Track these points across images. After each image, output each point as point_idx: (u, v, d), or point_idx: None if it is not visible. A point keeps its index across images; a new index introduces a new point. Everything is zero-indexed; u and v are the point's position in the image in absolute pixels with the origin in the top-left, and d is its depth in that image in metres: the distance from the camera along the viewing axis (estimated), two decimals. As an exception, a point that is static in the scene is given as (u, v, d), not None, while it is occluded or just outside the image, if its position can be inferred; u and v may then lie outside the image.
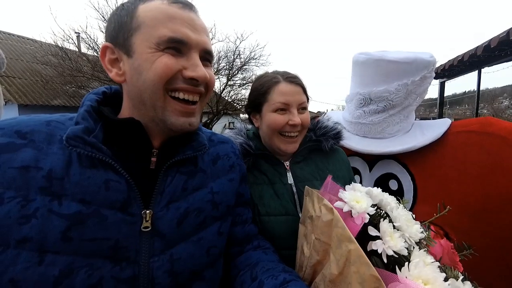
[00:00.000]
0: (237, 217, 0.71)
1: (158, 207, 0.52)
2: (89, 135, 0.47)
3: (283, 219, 0.82)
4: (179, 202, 0.55)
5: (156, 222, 0.51)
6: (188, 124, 0.55)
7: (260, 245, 0.73)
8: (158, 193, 0.53)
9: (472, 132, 0.97)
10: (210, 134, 0.71)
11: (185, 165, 0.58)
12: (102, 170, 0.48)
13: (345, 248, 0.50)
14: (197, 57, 0.53)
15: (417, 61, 0.98)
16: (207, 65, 0.57)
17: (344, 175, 0.93)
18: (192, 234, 0.56)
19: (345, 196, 0.58)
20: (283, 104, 0.81)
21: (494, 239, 0.92)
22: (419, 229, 0.56)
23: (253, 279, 0.60)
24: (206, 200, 0.59)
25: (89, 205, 0.46)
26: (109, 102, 0.58)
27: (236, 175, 0.69)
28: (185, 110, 0.54)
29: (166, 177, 0.54)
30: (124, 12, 0.51)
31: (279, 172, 0.88)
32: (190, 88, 0.53)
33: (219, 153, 0.68)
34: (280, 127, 0.82)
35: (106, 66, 0.53)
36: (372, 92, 1.06)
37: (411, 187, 1.05)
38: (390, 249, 0.50)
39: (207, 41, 0.55)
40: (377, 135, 1.11)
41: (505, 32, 3.77)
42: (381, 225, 0.53)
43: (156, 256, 0.51)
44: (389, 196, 0.64)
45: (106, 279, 0.46)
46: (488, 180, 0.91)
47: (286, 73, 0.86)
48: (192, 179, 0.58)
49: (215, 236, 0.60)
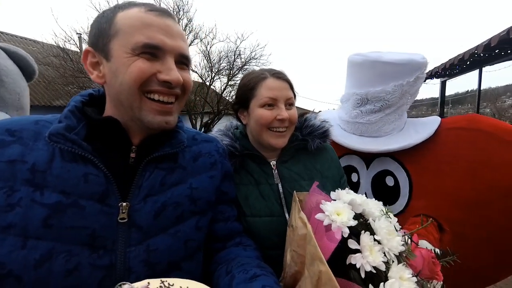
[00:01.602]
0: (219, 214, 0.73)
1: (136, 200, 0.56)
2: (71, 132, 0.52)
3: (267, 220, 0.82)
4: (157, 196, 0.58)
5: (133, 214, 0.55)
6: (165, 122, 0.58)
7: (242, 242, 0.75)
8: (136, 187, 0.56)
9: (461, 128, 1.01)
10: (194, 133, 0.74)
11: (165, 162, 0.61)
12: (82, 165, 0.52)
13: (317, 267, 0.50)
14: (172, 61, 0.56)
15: (411, 63, 1.01)
16: (183, 69, 0.60)
17: (333, 174, 0.93)
18: (169, 226, 0.59)
19: (326, 208, 0.57)
20: (270, 99, 0.82)
21: (485, 229, 0.97)
22: (400, 242, 0.56)
23: (227, 273, 0.62)
24: (185, 195, 0.62)
25: (68, 196, 0.50)
26: (97, 103, 0.62)
27: (217, 172, 0.71)
28: (161, 109, 0.57)
29: (145, 172, 0.58)
30: (104, 19, 0.55)
31: (265, 172, 0.88)
32: (165, 90, 0.56)
33: (201, 151, 0.70)
34: (268, 123, 0.82)
35: (88, 68, 0.57)
36: (369, 92, 1.08)
37: (406, 183, 1.08)
38: (369, 264, 0.50)
39: (183, 46, 0.58)
40: (374, 134, 1.14)
41: (506, 31, 3.76)
42: (362, 239, 0.53)
43: (133, 246, 0.54)
44: (375, 204, 0.64)
45: (83, 265, 0.50)
46: (478, 174, 0.95)
47: (273, 70, 0.87)
48: (170, 175, 0.61)
49: (193, 230, 0.63)
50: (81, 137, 0.53)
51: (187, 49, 0.60)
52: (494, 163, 0.92)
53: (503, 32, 3.83)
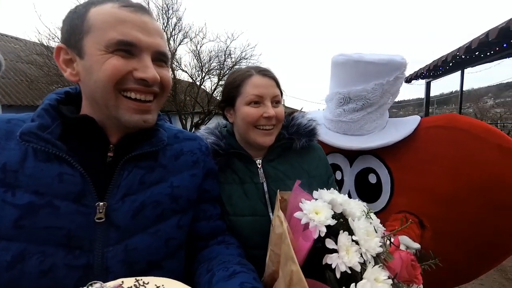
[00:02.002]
0: (201, 212, 0.72)
1: (114, 199, 0.55)
2: (44, 131, 0.51)
3: (250, 219, 0.81)
4: (135, 195, 0.57)
5: (111, 213, 0.54)
6: (143, 121, 0.57)
7: (225, 240, 0.74)
8: (114, 186, 0.55)
9: (439, 127, 1.04)
10: (177, 131, 0.73)
11: (144, 160, 0.60)
12: (56, 164, 0.51)
13: (289, 267, 0.49)
14: (148, 58, 0.55)
15: (391, 63, 1.04)
16: (161, 66, 0.59)
17: (321, 173, 0.92)
18: (149, 226, 0.58)
19: (305, 207, 0.57)
20: (256, 96, 0.80)
21: (464, 225, 1.00)
22: (378, 243, 0.55)
23: (208, 271, 0.62)
24: (165, 193, 0.61)
25: (42, 196, 0.49)
26: (74, 101, 0.61)
27: (199, 171, 0.70)
28: (139, 107, 0.56)
29: (123, 171, 0.57)
30: (76, 15, 0.53)
31: (251, 170, 0.86)
32: (142, 88, 0.55)
33: (183, 149, 0.69)
34: (254, 120, 0.81)
35: (61, 66, 0.55)
36: (351, 91, 1.11)
37: (388, 180, 1.11)
38: (344, 264, 0.50)
39: (160, 43, 0.57)
40: (356, 132, 1.17)
41: (485, 34, 3.92)
42: (339, 238, 0.53)
43: (111, 246, 0.53)
44: (357, 204, 0.64)
45: (58, 266, 0.49)
46: (456, 171, 0.98)
47: (259, 67, 0.86)
48: (150, 174, 0.60)
49: (174, 229, 0.63)
50: (55, 136, 0.52)
51: (164, 46, 0.59)
52: (470, 160, 0.96)
53: (482, 35, 4.00)
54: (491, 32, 3.75)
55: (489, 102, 37.05)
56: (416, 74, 7.36)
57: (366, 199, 1.17)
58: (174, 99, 8.77)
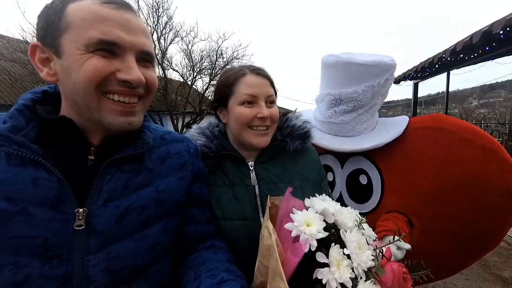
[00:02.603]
0: (189, 216, 0.70)
1: (95, 205, 0.52)
2: (17, 134, 0.48)
3: (240, 223, 0.78)
4: (119, 200, 0.54)
5: (92, 220, 0.51)
6: (127, 123, 0.54)
7: (213, 245, 0.72)
8: (96, 191, 0.52)
9: (427, 128, 1.07)
10: (164, 132, 0.69)
11: (128, 163, 0.57)
12: (31, 168, 0.48)
13: (277, 283, 0.48)
14: (132, 59, 0.51)
15: (381, 64, 1.05)
16: (146, 66, 0.56)
17: (313, 177, 0.89)
18: (134, 232, 0.56)
19: (296, 218, 0.55)
20: (250, 96, 0.78)
21: (450, 222, 1.04)
22: (370, 257, 0.54)
23: (195, 278, 0.60)
24: (151, 198, 0.59)
25: (15, 203, 0.46)
26: (53, 101, 0.57)
27: (187, 173, 0.68)
28: (123, 109, 0.53)
29: (105, 175, 0.54)
30: (52, 11, 0.49)
31: (242, 172, 0.84)
32: (126, 90, 0.52)
33: (170, 152, 0.66)
34: (248, 121, 0.78)
35: (37, 65, 0.52)
36: (342, 93, 1.11)
37: (379, 181, 1.13)
38: (335, 280, 0.48)
39: (144, 43, 0.53)
40: (347, 134, 1.18)
41: (469, 37, 4.06)
42: (331, 252, 0.51)
43: (92, 254, 0.51)
44: (350, 213, 0.62)
45: (33, 277, 0.46)
46: (442, 170, 1.01)
47: (253, 66, 0.83)
48: (135, 177, 0.58)
49: (160, 234, 0.60)
50: (30, 138, 0.49)
51: (149, 45, 0.55)
52: (456, 159, 0.99)
53: (466, 38, 4.13)
54: (475, 35, 3.89)
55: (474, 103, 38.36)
56: (404, 75, 7.54)
57: (357, 199, 1.18)
58: (165, 99, 8.65)
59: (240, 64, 7.04)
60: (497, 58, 5.44)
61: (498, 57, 5.31)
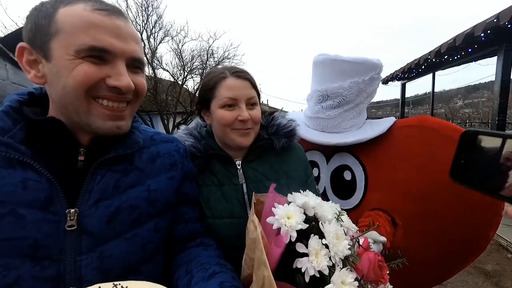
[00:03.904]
0: (179, 216, 0.71)
1: (86, 205, 0.52)
2: (4, 135, 0.48)
3: (228, 222, 0.80)
4: (110, 200, 0.55)
5: (83, 220, 0.51)
6: (116, 127, 0.54)
7: (203, 243, 0.74)
8: (86, 191, 0.53)
9: (412, 126, 1.10)
10: (153, 133, 0.70)
11: (119, 163, 0.58)
12: (20, 170, 0.48)
13: (262, 272, 0.50)
14: (122, 65, 0.52)
15: (366, 63, 1.09)
16: (136, 72, 0.56)
17: (300, 175, 0.91)
18: (125, 231, 0.56)
19: (277, 212, 0.58)
20: (230, 99, 0.78)
21: (433, 220, 1.04)
22: (346, 246, 0.57)
23: (187, 273, 0.61)
24: (142, 197, 0.60)
25: (3, 204, 0.46)
26: (39, 103, 0.57)
27: (177, 173, 0.69)
28: (112, 113, 0.53)
29: (95, 175, 0.54)
30: (42, 14, 0.49)
31: (230, 172, 0.85)
32: (115, 96, 0.52)
33: (160, 152, 0.67)
34: (229, 124, 0.79)
35: (24, 67, 0.51)
36: (328, 88, 1.14)
37: (362, 177, 1.15)
38: (313, 268, 0.51)
39: (135, 49, 0.54)
40: (334, 130, 1.20)
41: (452, 39, 4.20)
42: (309, 243, 0.54)
43: (84, 254, 0.51)
44: (330, 207, 0.65)
45: (24, 278, 0.46)
46: (425, 168, 1.03)
47: (234, 68, 0.84)
48: (125, 177, 0.58)
49: (151, 233, 0.61)
50: (18, 139, 0.49)
51: (140, 51, 0.56)
52: (439, 157, 1.00)
53: (450, 40, 4.27)
54: (458, 37, 4.02)
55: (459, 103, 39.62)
56: (392, 76, 7.72)
57: (341, 195, 1.20)
58: (155, 99, 8.55)
59: (231, 64, 6.99)
60: (480, 59, 5.64)
61: (480, 58, 5.51)
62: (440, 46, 4.61)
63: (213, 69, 0.91)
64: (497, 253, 3.28)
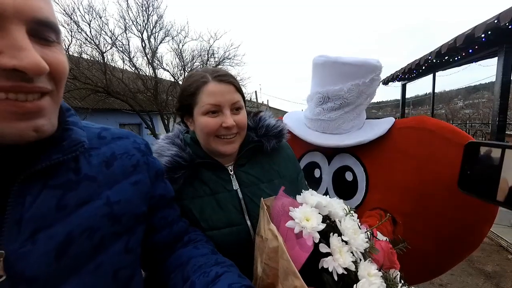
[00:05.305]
0: (161, 220, 0.62)
1: (16, 243, 0.37)
2: None
3: (227, 231, 0.76)
4: (53, 228, 0.40)
5: (16, 264, 0.36)
6: (33, 129, 0.36)
7: (191, 239, 0.66)
8: (12, 223, 0.37)
9: (410, 127, 1.11)
10: (100, 129, 0.54)
11: (58, 175, 0.42)
12: None
13: (291, 282, 0.48)
14: (20, 33, 0.33)
15: (366, 65, 1.10)
16: (47, 45, 0.37)
17: (290, 173, 0.90)
18: (86, 262, 0.43)
19: (295, 215, 0.56)
20: (213, 105, 0.73)
21: (430, 219, 1.06)
22: (364, 239, 0.57)
23: (185, 280, 0.54)
24: (101, 214, 0.45)
25: None
26: None
27: (143, 175, 0.56)
28: (20, 110, 0.35)
29: (23, 197, 0.38)
30: None
31: (222, 178, 0.80)
32: (16, 85, 0.34)
33: (115, 152, 0.52)
34: (213, 131, 0.74)
35: None
36: (329, 90, 1.15)
37: (363, 177, 1.16)
38: (340, 267, 0.51)
39: (38, 6, 0.35)
40: (334, 131, 1.21)
41: (453, 40, 4.20)
42: (331, 241, 0.53)
43: None
44: (338, 204, 0.64)
45: None
46: (424, 168, 1.04)
47: (216, 71, 0.77)
48: (73, 192, 0.43)
49: (122, 256, 0.48)
50: None
51: (48, 10, 0.36)
52: (437, 158, 1.02)
53: (451, 41, 4.27)
54: (458, 38, 4.02)
55: (459, 104, 39.66)
56: (392, 77, 7.72)
57: (343, 196, 1.21)
58: (156, 99, 8.55)
59: (234, 66, 6.86)
60: (480, 60, 5.64)
61: (480, 59, 5.51)
62: (441, 47, 4.62)
63: (193, 72, 0.82)
64: (498, 254, 3.29)
